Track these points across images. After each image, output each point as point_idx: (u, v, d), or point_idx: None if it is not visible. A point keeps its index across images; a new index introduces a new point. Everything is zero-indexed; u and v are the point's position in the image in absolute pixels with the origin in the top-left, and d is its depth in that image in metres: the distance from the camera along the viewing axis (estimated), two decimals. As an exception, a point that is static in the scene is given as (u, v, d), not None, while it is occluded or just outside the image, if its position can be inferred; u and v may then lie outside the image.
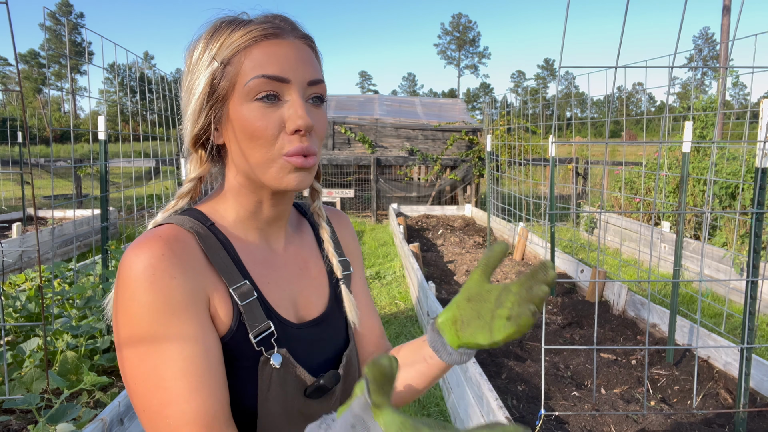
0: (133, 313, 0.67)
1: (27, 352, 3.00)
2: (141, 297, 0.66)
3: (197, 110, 0.77)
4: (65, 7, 66.65)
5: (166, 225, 0.75)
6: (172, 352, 0.67)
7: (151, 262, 0.67)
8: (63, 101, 57.58)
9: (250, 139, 0.74)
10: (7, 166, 11.85)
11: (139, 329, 0.66)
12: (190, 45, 0.79)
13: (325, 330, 0.86)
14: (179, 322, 0.68)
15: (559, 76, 2.40)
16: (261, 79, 0.72)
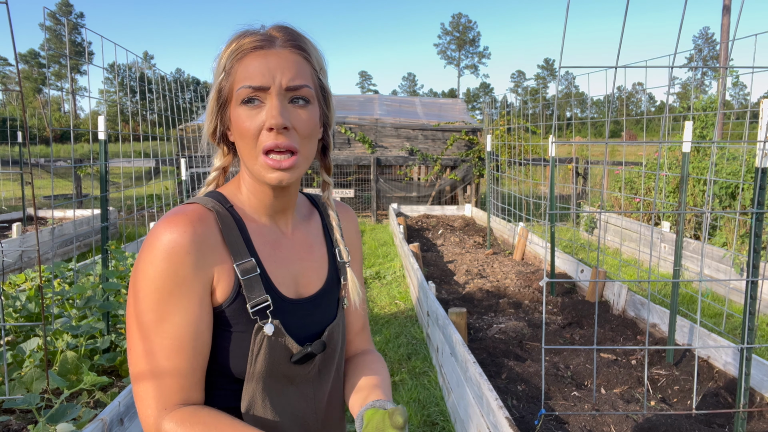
0: (149, 275, 0.81)
1: (27, 352, 3.00)
2: (159, 264, 0.81)
3: (210, 111, 0.92)
4: (65, 7, 66.63)
5: (193, 204, 0.89)
6: (168, 313, 0.82)
7: (174, 237, 0.82)
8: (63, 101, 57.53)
9: (242, 136, 0.88)
10: (7, 166, 11.85)
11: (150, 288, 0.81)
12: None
13: (318, 306, 0.99)
14: (180, 292, 0.82)
15: (559, 76, 2.41)
16: (246, 88, 0.86)
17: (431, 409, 3.22)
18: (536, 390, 3.15)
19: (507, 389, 3.15)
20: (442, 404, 3.28)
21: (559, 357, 3.66)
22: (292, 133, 0.87)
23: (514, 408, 2.95)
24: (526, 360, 3.64)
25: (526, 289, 5.17)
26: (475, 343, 3.84)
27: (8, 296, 3.86)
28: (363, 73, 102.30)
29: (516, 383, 3.25)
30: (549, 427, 2.70)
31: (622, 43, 2.24)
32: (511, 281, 5.53)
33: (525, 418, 2.80)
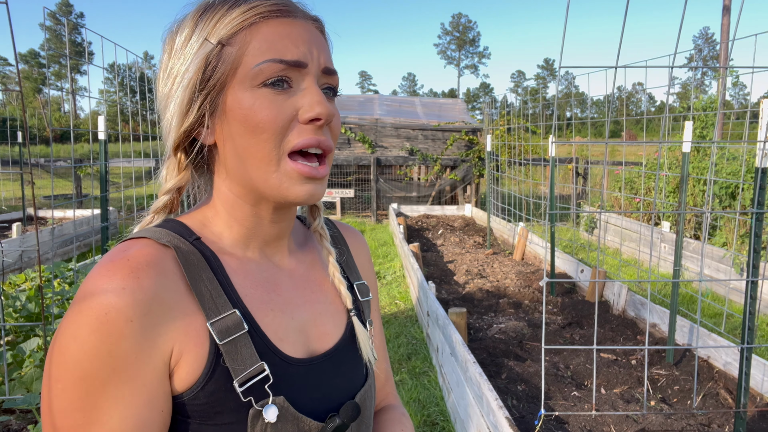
0: (71, 356, 0.54)
1: (27, 352, 3.00)
2: (86, 339, 0.54)
3: (186, 101, 0.63)
4: (65, 7, 66.66)
5: (139, 241, 0.62)
6: (100, 413, 0.54)
7: (107, 298, 0.55)
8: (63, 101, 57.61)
9: (253, 132, 0.61)
10: (7, 166, 11.85)
11: (74, 375, 0.54)
12: (172, 26, 0.66)
13: (340, 365, 0.72)
14: (118, 380, 0.55)
15: (559, 76, 2.41)
16: (276, 63, 0.61)
17: (431, 409, 3.22)
18: (536, 390, 3.15)
19: (507, 389, 3.15)
20: (442, 404, 3.28)
21: (559, 357, 3.66)
22: (327, 132, 0.66)
23: (514, 408, 2.95)
24: (526, 360, 3.64)
25: (526, 289, 5.17)
26: (475, 343, 3.84)
27: (8, 296, 3.86)
28: (363, 73, 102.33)
29: (516, 383, 3.25)
30: (549, 427, 2.70)
31: (622, 43, 2.24)
32: (511, 281, 5.53)
33: (525, 418, 2.80)
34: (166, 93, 0.66)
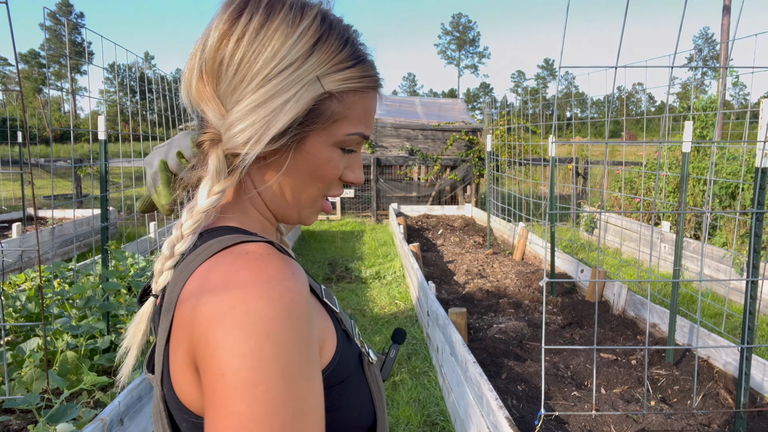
0: (268, 351, 0.50)
1: (27, 352, 3.00)
2: (279, 328, 0.51)
3: (285, 125, 0.61)
4: (65, 7, 66.65)
5: (264, 245, 0.59)
6: (304, 402, 0.52)
7: (285, 285, 0.54)
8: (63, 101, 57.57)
9: (313, 179, 0.66)
10: (7, 166, 11.85)
11: (274, 371, 0.50)
12: (305, 16, 0.62)
13: None
14: (310, 363, 0.54)
15: (559, 76, 2.41)
16: (361, 138, 0.67)
17: (431, 409, 3.22)
18: (536, 390, 3.15)
19: (507, 389, 3.15)
20: (442, 404, 3.28)
21: (559, 357, 3.66)
22: None
23: (514, 408, 2.95)
24: (526, 360, 3.64)
25: (526, 289, 5.17)
26: (475, 343, 3.84)
27: (8, 296, 3.86)
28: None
29: (516, 383, 3.25)
30: (549, 427, 2.70)
31: (622, 43, 2.24)
32: (511, 281, 5.53)
33: (525, 418, 2.80)
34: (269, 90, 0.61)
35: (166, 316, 0.59)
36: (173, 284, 0.60)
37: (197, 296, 0.54)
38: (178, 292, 0.58)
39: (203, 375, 0.52)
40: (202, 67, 0.63)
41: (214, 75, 0.62)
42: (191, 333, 0.54)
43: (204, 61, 0.62)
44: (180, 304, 0.57)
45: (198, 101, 0.64)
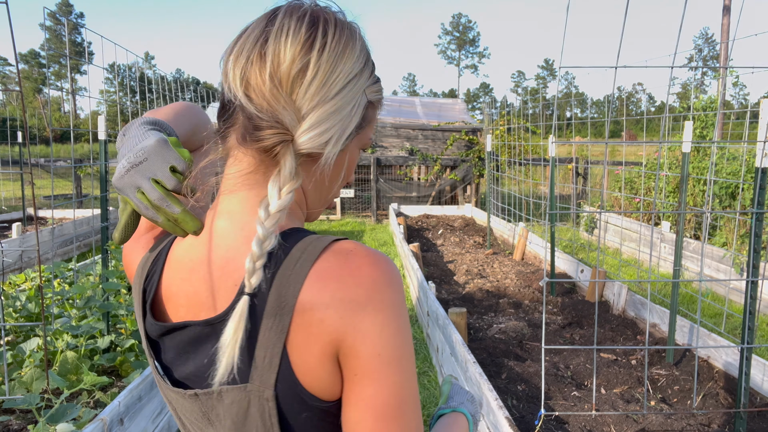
0: (403, 328, 0.63)
1: (27, 352, 3.00)
2: (406, 314, 0.64)
3: (353, 129, 0.69)
4: (65, 7, 66.66)
5: (351, 241, 0.67)
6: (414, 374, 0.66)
7: (398, 278, 0.65)
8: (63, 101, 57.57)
9: (341, 177, 0.75)
10: (7, 166, 11.86)
11: (407, 343, 0.64)
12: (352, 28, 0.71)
13: None
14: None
15: (559, 75, 2.41)
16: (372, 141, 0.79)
17: (431, 409, 3.22)
18: (536, 390, 3.15)
19: (507, 389, 3.15)
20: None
21: (559, 357, 3.66)
22: None
23: (514, 408, 2.95)
24: (526, 360, 3.64)
25: (526, 289, 5.17)
26: (475, 343, 3.84)
27: (8, 296, 3.86)
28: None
29: (516, 383, 3.25)
30: (549, 427, 2.70)
31: (622, 43, 2.24)
32: (511, 281, 5.53)
33: (525, 418, 2.80)
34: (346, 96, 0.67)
35: (280, 318, 0.62)
36: (282, 287, 0.62)
37: (332, 298, 0.61)
38: (295, 296, 0.62)
39: (355, 360, 0.62)
40: (278, 74, 0.65)
41: (290, 81, 0.65)
42: (335, 329, 0.61)
43: (278, 67, 0.65)
44: (307, 308, 0.61)
45: (274, 105, 0.65)
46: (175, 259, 0.72)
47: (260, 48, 0.66)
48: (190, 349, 0.69)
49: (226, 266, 0.66)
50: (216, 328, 0.65)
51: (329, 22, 0.68)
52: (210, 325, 0.66)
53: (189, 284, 0.69)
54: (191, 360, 0.69)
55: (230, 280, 0.66)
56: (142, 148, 0.68)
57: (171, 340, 0.70)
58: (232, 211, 0.69)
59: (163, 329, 0.70)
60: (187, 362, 0.69)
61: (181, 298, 0.70)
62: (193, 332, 0.68)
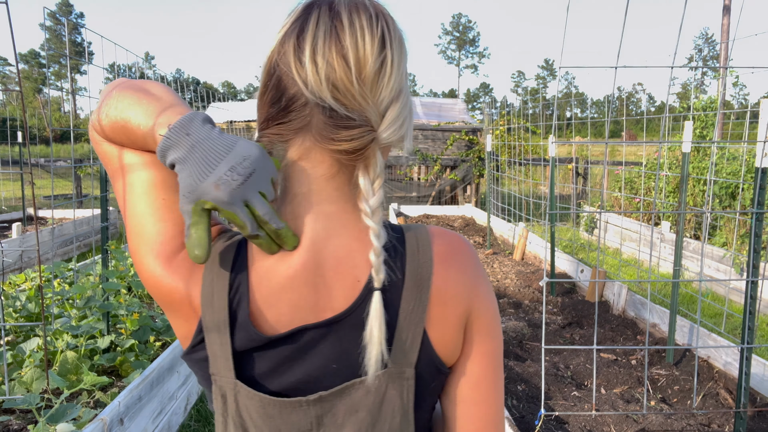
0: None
1: (27, 352, 3.00)
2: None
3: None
4: (65, 7, 66.68)
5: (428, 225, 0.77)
6: None
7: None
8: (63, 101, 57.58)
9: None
10: (7, 166, 11.86)
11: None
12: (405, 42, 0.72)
13: None
14: None
15: (559, 75, 2.41)
16: None
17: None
18: (536, 390, 3.15)
19: (507, 389, 3.15)
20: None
21: (559, 357, 3.66)
22: None
23: (514, 408, 2.95)
24: (526, 360, 3.64)
25: (526, 289, 5.17)
26: (475, 343, 3.84)
27: (8, 296, 3.86)
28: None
29: (516, 383, 3.25)
30: (549, 427, 2.70)
31: (622, 43, 2.24)
32: (511, 281, 5.53)
33: (525, 418, 2.80)
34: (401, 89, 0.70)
35: (420, 300, 0.67)
36: (416, 272, 0.68)
37: (458, 274, 0.70)
38: (429, 278, 0.68)
39: (479, 320, 0.72)
40: (363, 74, 0.66)
41: (373, 80, 0.66)
42: (465, 300, 0.70)
43: (364, 68, 0.66)
44: (442, 287, 0.69)
45: (363, 104, 0.66)
46: (266, 269, 0.67)
47: (337, 47, 0.65)
48: (297, 356, 0.67)
49: (339, 266, 0.67)
50: (334, 328, 0.67)
51: (387, 15, 0.69)
52: (329, 325, 0.67)
53: (291, 291, 0.67)
54: (298, 367, 0.68)
55: (348, 277, 0.67)
56: (246, 157, 0.62)
57: (269, 351, 0.67)
58: (328, 213, 0.69)
59: (266, 340, 0.66)
60: (292, 370, 0.68)
61: (282, 307, 0.67)
62: (308, 336, 0.67)
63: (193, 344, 0.69)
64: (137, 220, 0.70)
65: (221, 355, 0.67)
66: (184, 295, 0.68)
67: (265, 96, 0.69)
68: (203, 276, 0.68)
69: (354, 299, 0.67)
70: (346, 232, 0.69)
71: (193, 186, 0.62)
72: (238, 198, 0.62)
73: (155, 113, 0.66)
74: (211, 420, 3.09)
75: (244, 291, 0.67)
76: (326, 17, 0.66)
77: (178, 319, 0.71)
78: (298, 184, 0.69)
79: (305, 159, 0.68)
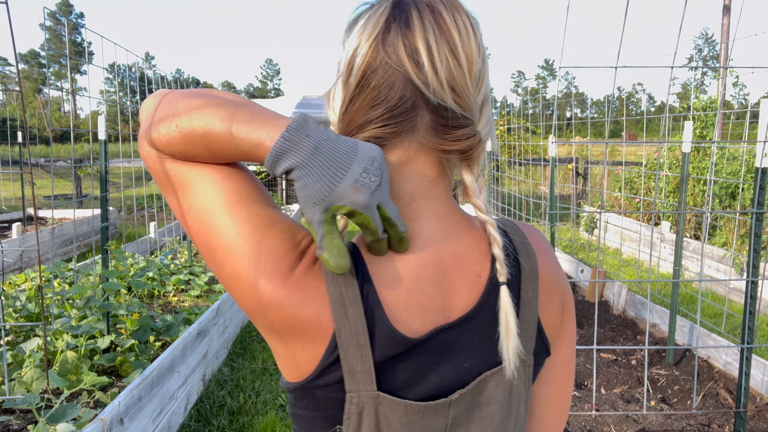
0: None
1: (27, 352, 3.00)
2: None
3: None
4: (65, 7, 66.67)
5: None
6: None
7: None
8: (63, 101, 57.57)
9: None
10: (7, 166, 11.86)
11: None
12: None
13: None
14: None
15: (559, 75, 2.41)
16: None
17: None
18: (536, 390, 3.15)
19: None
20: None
21: (559, 357, 3.66)
22: None
23: (514, 408, 2.95)
24: (526, 360, 3.64)
25: (526, 289, 5.18)
26: (475, 343, 3.84)
27: (8, 296, 3.86)
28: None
29: (516, 383, 3.25)
30: (549, 427, 2.70)
31: (622, 43, 2.24)
32: (511, 281, 5.53)
33: (525, 418, 2.80)
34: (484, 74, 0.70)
35: (533, 289, 0.70)
36: (526, 262, 0.71)
37: (553, 262, 0.75)
38: (536, 267, 0.71)
39: (569, 303, 0.78)
40: (473, 74, 0.67)
41: (477, 79, 0.67)
42: (562, 285, 0.75)
43: (473, 68, 0.66)
44: (546, 275, 0.73)
45: (471, 105, 0.67)
46: (389, 273, 0.64)
47: (449, 47, 0.64)
48: (434, 359, 0.65)
49: (461, 263, 0.67)
50: (465, 326, 0.67)
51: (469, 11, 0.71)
52: (460, 324, 0.66)
53: (419, 293, 0.64)
54: (435, 370, 0.65)
55: (470, 274, 0.68)
56: (373, 158, 0.59)
57: (408, 357, 0.64)
58: (438, 212, 0.70)
59: (411, 345, 0.63)
60: (430, 373, 0.65)
61: (413, 310, 0.64)
62: (442, 338, 0.65)
63: (324, 367, 0.63)
64: (233, 241, 0.62)
65: (361, 369, 0.62)
66: (311, 314, 0.62)
67: (360, 98, 0.65)
68: (328, 289, 0.62)
69: (479, 295, 0.67)
70: (460, 230, 0.70)
71: (326, 191, 0.57)
72: (376, 201, 0.59)
73: (246, 117, 0.60)
74: (211, 420, 3.09)
75: (375, 298, 0.63)
76: (429, 16, 0.64)
77: (300, 343, 0.63)
78: (404, 186, 0.68)
79: (411, 161, 0.67)
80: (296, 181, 0.59)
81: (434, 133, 0.66)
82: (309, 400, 0.66)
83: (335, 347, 0.62)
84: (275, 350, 0.68)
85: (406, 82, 0.63)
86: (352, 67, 0.65)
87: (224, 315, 3.95)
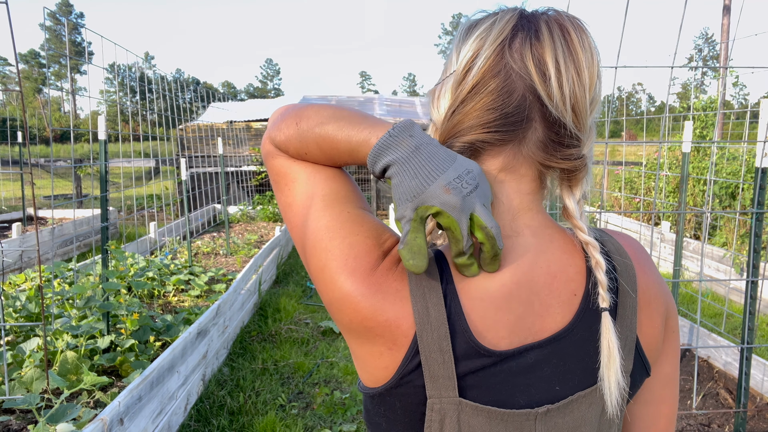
0: None
1: (27, 352, 3.00)
2: None
3: None
4: (65, 7, 66.68)
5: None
6: None
7: None
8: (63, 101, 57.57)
9: None
10: (7, 166, 11.86)
11: None
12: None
13: None
14: None
15: (559, 76, 2.41)
16: None
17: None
18: (536, 390, 3.15)
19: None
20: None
21: (559, 357, 3.67)
22: None
23: (514, 408, 2.95)
24: (526, 360, 3.64)
25: (526, 289, 5.17)
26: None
27: (8, 296, 3.86)
28: (363, 73, 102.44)
29: (516, 383, 3.26)
30: (549, 427, 2.70)
31: (622, 43, 2.24)
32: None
33: (525, 418, 2.80)
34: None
35: (632, 308, 0.67)
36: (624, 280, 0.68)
37: (654, 275, 0.71)
38: (635, 283, 0.68)
39: (673, 319, 0.73)
40: (592, 93, 0.66)
41: (591, 107, 0.67)
42: (664, 300, 0.71)
43: (593, 87, 0.66)
44: (645, 290, 0.69)
45: (585, 124, 0.67)
46: (476, 286, 0.63)
47: (575, 66, 0.64)
48: (521, 375, 0.63)
49: (554, 282, 0.65)
50: (556, 346, 0.64)
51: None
52: (551, 343, 0.64)
53: (508, 312, 0.63)
54: (520, 386, 0.64)
55: (564, 293, 0.65)
56: (469, 171, 0.60)
57: (491, 368, 0.62)
58: (533, 227, 0.67)
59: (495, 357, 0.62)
60: (515, 390, 0.64)
61: (500, 330, 0.62)
62: (531, 356, 0.63)
63: (403, 374, 0.61)
64: (322, 235, 0.64)
65: (443, 375, 0.60)
66: (390, 317, 0.61)
67: (474, 100, 0.64)
68: (411, 291, 0.61)
69: (573, 314, 0.65)
70: (554, 246, 0.67)
71: (419, 188, 0.58)
72: (468, 207, 0.59)
73: (357, 119, 0.66)
74: (211, 420, 3.09)
75: (457, 306, 0.61)
76: (558, 31, 0.64)
77: (377, 347, 0.62)
78: (505, 197, 0.66)
79: (509, 171, 0.66)
80: (392, 178, 0.61)
81: (543, 148, 0.65)
82: (387, 407, 0.64)
83: (415, 353, 0.61)
84: (353, 352, 0.67)
85: (527, 91, 0.63)
86: (470, 68, 0.64)
87: (224, 315, 3.95)
